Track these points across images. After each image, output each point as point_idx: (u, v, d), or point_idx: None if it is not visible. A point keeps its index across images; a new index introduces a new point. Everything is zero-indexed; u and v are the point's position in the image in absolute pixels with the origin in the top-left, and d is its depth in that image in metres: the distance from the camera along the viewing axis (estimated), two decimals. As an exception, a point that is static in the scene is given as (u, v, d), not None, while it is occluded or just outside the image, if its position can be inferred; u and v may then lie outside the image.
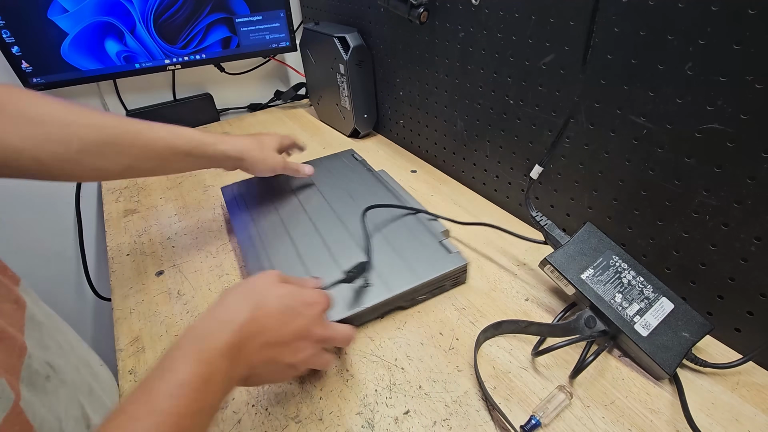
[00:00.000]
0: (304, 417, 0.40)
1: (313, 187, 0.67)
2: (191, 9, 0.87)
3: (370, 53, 0.83)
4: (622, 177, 0.47)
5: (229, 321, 0.31)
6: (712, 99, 0.37)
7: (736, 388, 0.40)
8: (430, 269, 0.49)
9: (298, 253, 0.54)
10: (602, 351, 0.42)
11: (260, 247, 0.56)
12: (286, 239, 0.56)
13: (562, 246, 0.47)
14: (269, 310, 0.33)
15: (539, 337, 0.44)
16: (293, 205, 0.64)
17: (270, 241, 0.57)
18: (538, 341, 0.44)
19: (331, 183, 0.68)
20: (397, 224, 0.58)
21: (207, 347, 0.29)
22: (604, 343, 0.43)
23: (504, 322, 0.45)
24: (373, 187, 0.66)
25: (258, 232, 0.58)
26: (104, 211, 0.74)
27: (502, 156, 0.63)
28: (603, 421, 0.38)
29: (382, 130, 0.93)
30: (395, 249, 0.53)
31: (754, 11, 0.33)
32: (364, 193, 0.64)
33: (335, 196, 0.64)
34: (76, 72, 0.83)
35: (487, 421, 0.38)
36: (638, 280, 0.44)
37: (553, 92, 0.51)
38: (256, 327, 0.32)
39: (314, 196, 0.65)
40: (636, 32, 0.40)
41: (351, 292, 0.47)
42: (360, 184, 0.67)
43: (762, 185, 0.36)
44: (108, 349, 1.19)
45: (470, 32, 0.59)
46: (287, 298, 0.35)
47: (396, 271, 0.50)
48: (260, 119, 1.07)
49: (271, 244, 0.56)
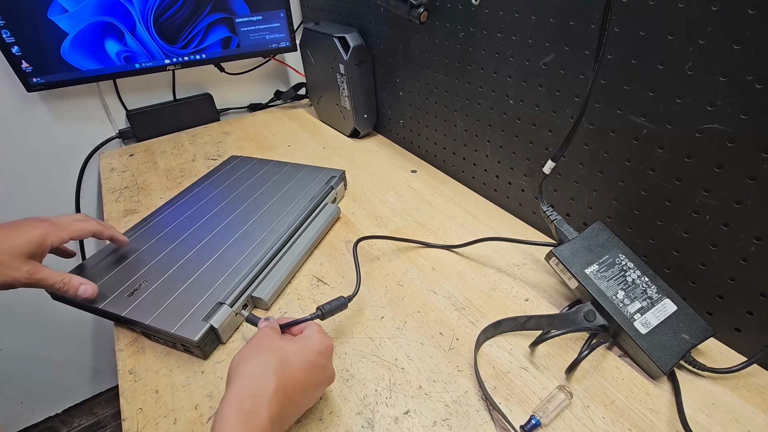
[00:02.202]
0: (304, 417, 0.40)
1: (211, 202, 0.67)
2: (191, 9, 0.87)
3: (370, 53, 0.83)
4: (622, 177, 0.47)
5: (261, 394, 0.32)
6: (712, 99, 0.37)
7: (736, 388, 0.40)
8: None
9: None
10: (598, 345, 0.42)
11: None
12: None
13: (569, 241, 0.47)
14: (292, 370, 0.34)
15: (539, 334, 0.44)
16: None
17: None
18: (535, 340, 0.44)
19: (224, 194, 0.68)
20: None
21: (253, 426, 0.30)
22: (602, 339, 0.43)
23: (504, 320, 0.45)
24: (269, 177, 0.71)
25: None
26: (104, 211, 0.74)
27: (502, 156, 0.63)
28: (603, 421, 0.38)
29: (382, 130, 0.93)
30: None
31: (754, 11, 0.33)
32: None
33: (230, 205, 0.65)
34: (76, 72, 0.83)
35: (487, 421, 0.38)
36: (643, 280, 0.44)
37: (553, 92, 0.51)
38: (284, 392, 0.33)
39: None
40: (636, 32, 0.40)
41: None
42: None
43: (762, 185, 0.36)
44: (108, 349, 1.19)
45: (470, 32, 0.59)
46: (303, 354, 0.36)
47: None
48: (260, 119, 1.07)
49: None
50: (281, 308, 0.51)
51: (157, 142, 0.97)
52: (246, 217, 0.62)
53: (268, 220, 0.61)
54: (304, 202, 0.64)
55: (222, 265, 0.53)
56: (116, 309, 0.48)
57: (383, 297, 0.52)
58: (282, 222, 0.60)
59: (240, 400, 0.31)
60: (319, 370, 0.37)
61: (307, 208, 0.62)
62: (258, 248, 0.55)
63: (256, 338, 0.37)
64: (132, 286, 0.50)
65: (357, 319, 0.49)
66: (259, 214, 0.62)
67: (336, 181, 0.69)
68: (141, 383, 0.44)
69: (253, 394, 0.32)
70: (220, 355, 0.46)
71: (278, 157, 0.83)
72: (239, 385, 0.32)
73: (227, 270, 0.52)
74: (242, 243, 0.57)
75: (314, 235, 0.60)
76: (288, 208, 0.63)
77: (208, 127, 1.05)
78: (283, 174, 0.72)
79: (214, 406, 0.41)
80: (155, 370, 0.45)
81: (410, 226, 0.64)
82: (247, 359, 0.34)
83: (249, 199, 0.66)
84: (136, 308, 0.47)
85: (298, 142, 0.93)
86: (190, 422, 0.40)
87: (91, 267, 0.54)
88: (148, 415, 0.41)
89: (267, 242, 0.56)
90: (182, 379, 0.44)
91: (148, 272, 0.52)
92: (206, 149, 0.92)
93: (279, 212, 0.62)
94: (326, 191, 0.67)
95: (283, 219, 0.61)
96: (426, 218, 0.66)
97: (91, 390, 1.26)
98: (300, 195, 0.66)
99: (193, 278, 0.51)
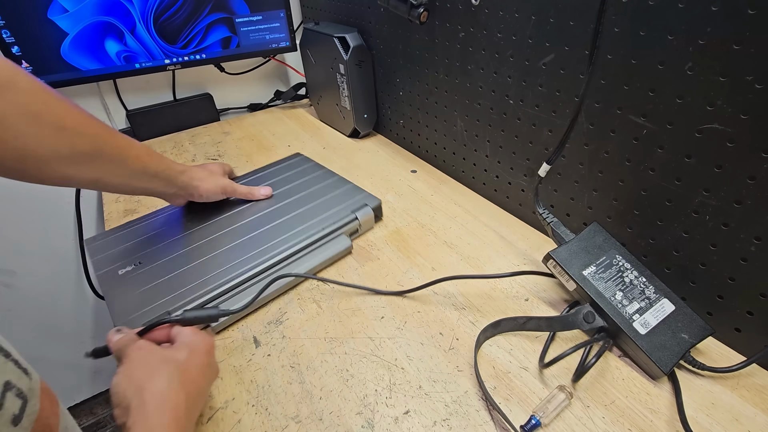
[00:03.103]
0: (304, 417, 0.40)
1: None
2: (191, 9, 0.87)
3: (370, 53, 0.83)
4: (622, 177, 0.47)
5: (177, 409, 0.32)
6: (712, 99, 0.37)
7: (736, 388, 0.40)
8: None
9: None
10: (603, 352, 0.42)
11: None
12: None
13: (566, 242, 0.47)
14: (191, 376, 0.35)
15: (543, 347, 0.44)
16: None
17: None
18: (543, 350, 0.43)
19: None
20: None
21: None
22: (605, 344, 0.43)
23: (503, 320, 0.45)
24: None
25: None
26: (104, 211, 0.73)
27: (502, 156, 0.63)
28: (603, 421, 0.38)
29: (382, 130, 0.93)
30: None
31: (754, 11, 0.33)
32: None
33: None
34: (76, 72, 0.83)
35: (487, 421, 0.38)
36: (640, 281, 0.44)
37: (553, 92, 0.51)
38: (193, 400, 0.34)
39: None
40: (636, 32, 0.40)
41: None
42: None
43: (762, 185, 0.36)
44: (108, 349, 1.15)
45: (470, 32, 0.59)
46: (195, 358, 0.37)
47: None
48: (260, 119, 1.07)
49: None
50: (281, 308, 0.51)
51: (157, 142, 0.97)
52: (258, 224, 0.60)
53: (274, 234, 0.58)
54: (317, 228, 0.58)
55: (201, 270, 0.52)
56: (104, 284, 0.51)
57: (383, 297, 0.52)
58: (285, 241, 0.56)
59: (164, 426, 0.31)
60: (211, 369, 0.38)
61: (316, 235, 0.57)
62: (242, 264, 0.53)
63: (136, 355, 0.35)
64: (129, 263, 0.54)
65: (357, 319, 0.49)
66: (271, 225, 0.60)
67: (363, 210, 0.61)
68: (141, 383, 0.44)
69: (173, 416, 0.31)
70: (220, 355, 0.46)
71: (278, 157, 0.83)
72: (156, 408, 0.31)
73: (200, 278, 0.51)
74: (234, 252, 0.55)
75: (307, 267, 0.54)
76: (300, 227, 0.58)
77: (208, 127, 1.05)
78: (323, 186, 0.67)
79: (213, 405, 0.41)
80: (155, 370, 0.45)
81: (410, 226, 0.64)
82: (147, 379, 0.33)
83: (274, 205, 0.64)
84: (120, 287, 0.51)
85: (298, 142, 0.93)
86: (190, 422, 0.40)
87: (102, 239, 0.59)
88: (148, 415, 0.41)
89: (254, 260, 0.53)
90: (182, 379, 0.44)
91: (147, 255, 0.55)
92: (206, 149, 0.92)
93: (289, 228, 0.58)
94: (348, 220, 0.60)
95: (288, 238, 0.57)
96: (426, 218, 0.66)
97: (91, 390, 1.26)
98: (321, 215, 0.61)
99: (172, 275, 0.52)
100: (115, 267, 0.54)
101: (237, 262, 0.54)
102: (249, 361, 0.45)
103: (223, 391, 0.42)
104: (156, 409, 0.31)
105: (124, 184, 0.51)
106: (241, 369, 0.44)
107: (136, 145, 0.51)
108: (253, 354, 0.46)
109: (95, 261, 0.55)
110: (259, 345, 0.47)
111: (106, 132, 0.47)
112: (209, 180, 0.60)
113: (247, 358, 0.46)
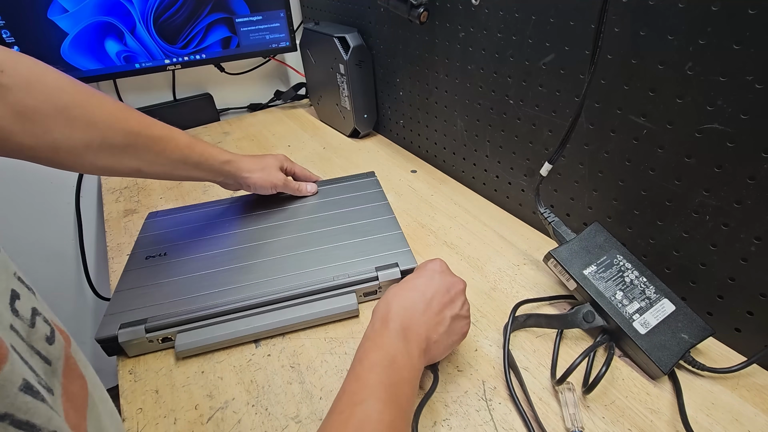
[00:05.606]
0: (304, 417, 0.40)
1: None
2: (191, 9, 0.87)
3: (370, 53, 0.83)
4: (622, 177, 0.47)
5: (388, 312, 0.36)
6: (712, 99, 0.37)
7: (736, 388, 0.40)
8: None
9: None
10: (611, 359, 0.40)
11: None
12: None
13: (567, 242, 0.47)
14: (411, 290, 0.38)
15: (552, 361, 0.42)
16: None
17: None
18: (552, 365, 0.42)
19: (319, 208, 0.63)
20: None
21: (381, 334, 0.35)
22: (611, 350, 0.41)
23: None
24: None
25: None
26: (104, 211, 0.73)
27: (502, 156, 0.63)
28: (603, 421, 0.38)
29: (382, 130, 0.93)
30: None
31: (754, 11, 0.33)
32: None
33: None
34: (76, 72, 0.83)
35: (487, 421, 0.38)
36: (641, 281, 0.44)
37: (553, 92, 0.51)
38: (405, 307, 0.37)
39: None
40: (636, 32, 0.40)
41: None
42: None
43: (762, 185, 0.36)
44: (108, 349, 1.14)
45: (470, 32, 0.59)
46: (426, 279, 0.40)
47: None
48: (260, 119, 1.07)
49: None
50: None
51: (157, 142, 0.97)
52: (286, 247, 0.55)
53: (295, 263, 0.53)
54: (338, 272, 0.51)
55: (198, 284, 0.50)
56: (129, 264, 0.54)
57: (383, 297, 0.52)
58: (299, 277, 0.50)
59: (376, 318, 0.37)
60: (437, 284, 0.40)
61: (330, 283, 0.49)
62: (251, 288, 0.49)
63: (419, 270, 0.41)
64: (160, 250, 0.56)
65: (357, 320, 0.49)
66: (298, 252, 0.55)
67: (389, 272, 0.50)
68: (141, 383, 0.44)
69: (380, 317, 0.37)
70: (220, 355, 0.46)
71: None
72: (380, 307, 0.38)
73: (195, 293, 0.49)
74: (250, 272, 0.51)
75: (307, 315, 0.47)
76: (324, 266, 0.52)
77: (208, 127, 1.05)
78: (372, 223, 0.59)
79: (214, 406, 0.41)
80: (155, 370, 0.45)
81: (410, 227, 0.64)
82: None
83: (313, 230, 0.58)
84: (134, 274, 0.52)
85: (298, 142, 0.93)
86: (190, 422, 0.40)
87: (162, 216, 0.62)
88: (147, 415, 0.41)
89: (263, 287, 0.49)
90: (182, 379, 0.44)
91: (173, 248, 0.56)
92: (206, 149, 0.92)
93: (312, 264, 0.52)
94: (368, 277, 0.50)
95: (305, 275, 0.51)
96: (426, 218, 0.66)
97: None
98: (353, 259, 0.53)
99: (175, 279, 0.52)
100: (147, 250, 0.55)
101: (246, 284, 0.50)
102: (249, 361, 0.45)
103: (223, 391, 0.42)
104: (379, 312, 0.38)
105: (167, 173, 0.52)
106: (241, 369, 0.44)
107: (177, 135, 0.51)
108: (253, 354, 0.46)
109: (141, 238, 0.58)
110: (259, 345, 0.47)
111: (140, 124, 0.47)
112: (259, 174, 0.60)
113: (247, 358, 0.46)
